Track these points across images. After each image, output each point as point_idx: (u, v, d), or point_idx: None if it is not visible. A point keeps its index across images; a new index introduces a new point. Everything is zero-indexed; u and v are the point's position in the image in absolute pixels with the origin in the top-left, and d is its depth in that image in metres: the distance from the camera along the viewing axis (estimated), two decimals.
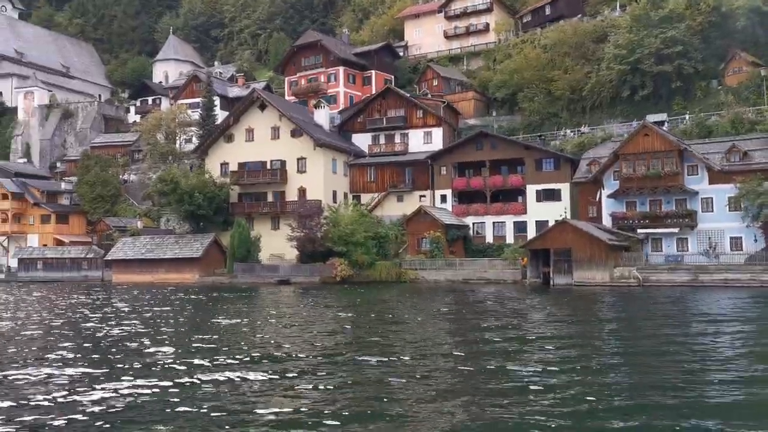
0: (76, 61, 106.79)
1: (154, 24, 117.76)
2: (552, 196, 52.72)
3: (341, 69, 75.86)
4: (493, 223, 54.75)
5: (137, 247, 57.45)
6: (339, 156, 59.65)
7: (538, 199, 53.20)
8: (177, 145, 71.47)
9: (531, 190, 53.49)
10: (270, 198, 58.50)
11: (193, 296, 41.08)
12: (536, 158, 53.62)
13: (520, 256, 47.54)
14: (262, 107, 59.21)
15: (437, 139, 60.75)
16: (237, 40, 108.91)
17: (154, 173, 69.51)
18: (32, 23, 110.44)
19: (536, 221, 52.85)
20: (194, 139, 72.24)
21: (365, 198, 59.30)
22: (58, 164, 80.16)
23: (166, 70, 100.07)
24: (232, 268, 52.53)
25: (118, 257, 57.48)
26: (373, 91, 76.10)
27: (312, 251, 50.66)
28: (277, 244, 55.71)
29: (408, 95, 63.17)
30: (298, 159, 57.74)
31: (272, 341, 19.00)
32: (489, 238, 54.71)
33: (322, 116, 61.87)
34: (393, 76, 79.68)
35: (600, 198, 49.32)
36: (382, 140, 62.53)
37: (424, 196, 58.18)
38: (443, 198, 56.90)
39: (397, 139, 61.91)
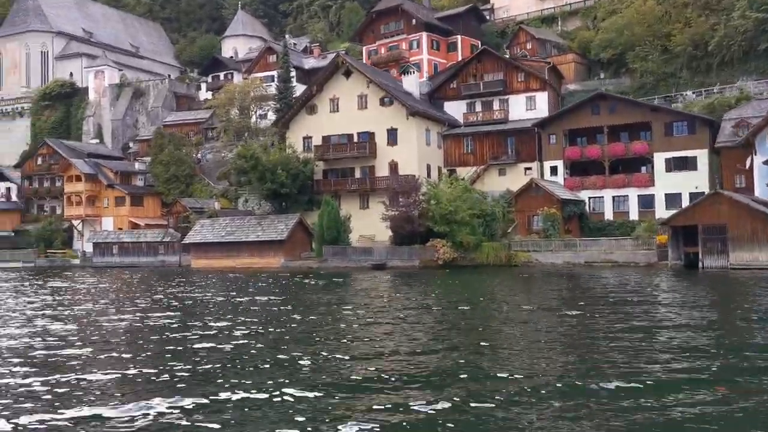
0: (145, 40, 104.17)
1: (221, 0, 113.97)
2: (685, 164, 45.52)
3: (424, 35, 69.81)
4: (613, 197, 47.94)
5: (216, 229, 53.20)
6: (433, 126, 53.74)
7: (668, 169, 46.06)
8: (252, 121, 66.97)
9: (659, 158, 46.37)
10: (358, 174, 53.18)
11: (288, 282, 36.19)
12: (666, 122, 46.38)
13: (654, 234, 40.81)
14: (348, 74, 53.74)
15: (542, 105, 54.06)
16: (307, 13, 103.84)
17: (229, 151, 65.32)
18: (100, 3, 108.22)
19: (665, 194, 45.84)
20: (270, 114, 67.66)
21: (461, 172, 53.30)
22: (131, 144, 77.14)
23: (236, 47, 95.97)
24: (321, 251, 47.55)
25: (197, 241, 53.39)
26: (459, 58, 69.99)
27: (410, 232, 45.08)
28: (366, 224, 50.49)
29: (507, 57, 56.53)
30: (388, 130, 52.10)
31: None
32: (608, 215, 47.98)
33: (412, 83, 55.96)
34: (479, 42, 73.06)
35: (752, 165, 41.85)
36: (478, 107, 56.26)
37: (529, 168, 51.77)
38: (553, 170, 50.33)
39: (496, 105, 55.52)
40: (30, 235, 64.35)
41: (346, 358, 12.96)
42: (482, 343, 14.56)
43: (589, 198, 48.54)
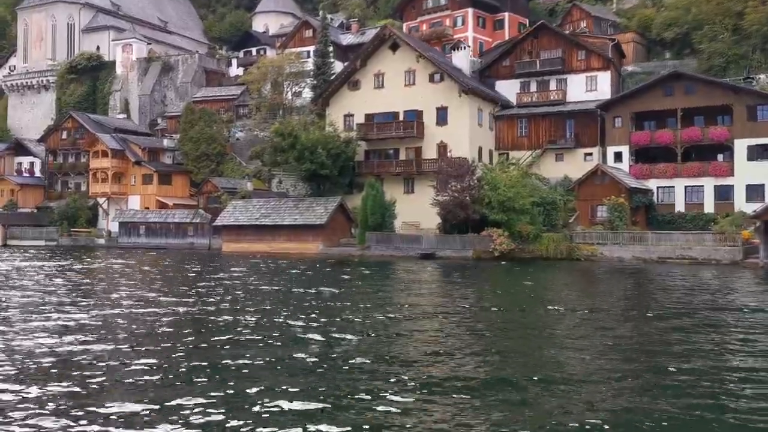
0: (174, 15, 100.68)
1: None
2: None
3: (470, 11, 65.50)
4: (686, 187, 43.77)
5: (250, 211, 49.76)
6: (485, 106, 49.76)
7: (751, 158, 41.80)
8: (288, 98, 63.42)
9: (740, 145, 42.11)
10: (403, 155, 49.40)
11: (334, 271, 32.74)
12: (749, 104, 42.02)
13: (739, 229, 36.69)
14: (394, 47, 49.83)
15: (604, 86, 49.81)
16: None
17: (262, 130, 61.86)
18: None
19: (747, 185, 41.60)
20: (306, 91, 64.00)
21: (514, 156, 49.29)
22: (159, 120, 73.93)
23: (266, 23, 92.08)
24: (363, 238, 43.91)
25: (229, 223, 50.01)
26: (506, 37, 65.79)
27: (464, 219, 41.22)
28: (410, 210, 46.81)
29: (566, 33, 52.27)
30: (437, 109, 48.19)
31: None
32: (679, 206, 43.85)
33: (462, 59, 51.90)
34: (527, 20, 68.75)
35: None
36: (533, 87, 52.15)
37: (590, 154, 47.73)
38: (617, 156, 46.23)
39: (553, 85, 51.37)
40: (53, 212, 61.46)
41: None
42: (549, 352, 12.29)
43: (658, 188, 44.44)
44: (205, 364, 11.37)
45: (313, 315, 17.28)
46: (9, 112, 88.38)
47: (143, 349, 12.52)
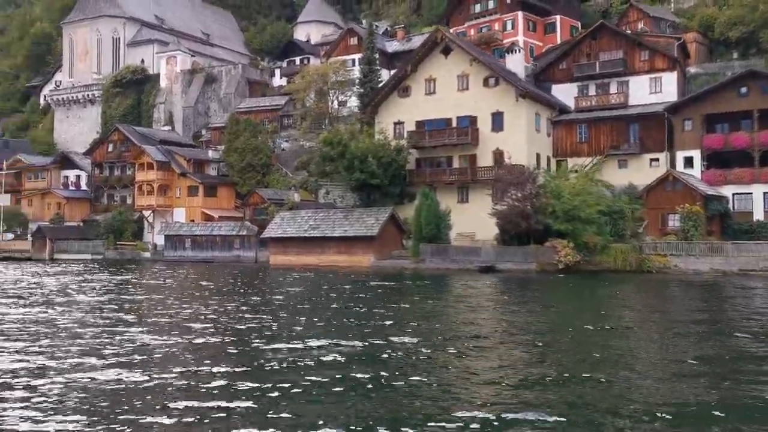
0: (216, 28, 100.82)
1: None
2: None
3: (520, 14, 63.42)
4: (764, 193, 40.73)
5: (298, 223, 48.18)
6: (543, 111, 47.45)
7: None
8: (333, 107, 62.04)
9: None
10: (456, 163, 47.34)
11: (389, 286, 30.87)
12: None
13: None
14: (447, 51, 47.92)
15: (669, 87, 47.07)
16: None
17: (308, 140, 60.54)
18: None
19: None
20: (352, 100, 62.52)
21: (573, 163, 46.85)
22: (203, 132, 73.28)
23: (308, 33, 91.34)
24: (418, 250, 41.88)
25: (276, 235, 48.52)
26: (558, 41, 63.54)
27: (525, 230, 38.88)
28: (464, 220, 44.67)
29: (628, 33, 49.69)
30: (492, 114, 46.05)
31: None
32: (758, 214, 40.82)
33: (516, 63, 49.73)
34: (579, 23, 66.36)
35: None
36: (591, 91, 49.66)
37: (656, 159, 45.02)
38: (687, 161, 43.42)
39: (613, 88, 48.78)
40: (99, 225, 60.93)
41: None
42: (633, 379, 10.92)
43: (733, 194, 41.47)
44: (268, 386, 10.47)
45: (372, 333, 15.40)
46: (55, 126, 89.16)
47: (207, 371, 10.78)
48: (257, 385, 10.55)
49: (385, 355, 13.22)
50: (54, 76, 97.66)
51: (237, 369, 11.80)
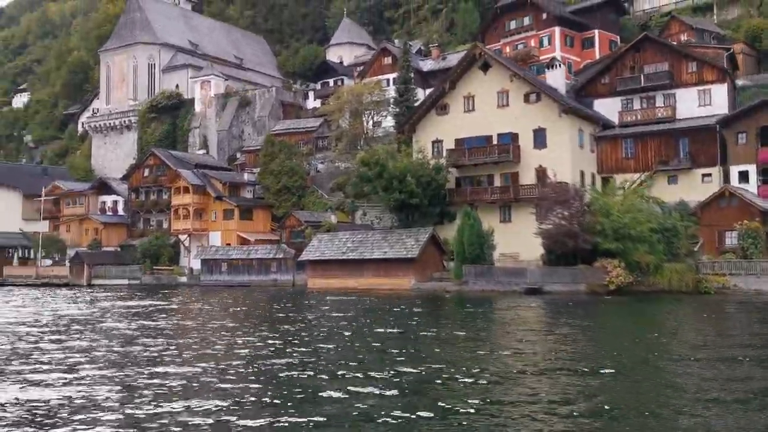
0: (249, 52, 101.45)
1: (324, 10, 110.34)
2: None
3: (557, 30, 62.23)
4: None
5: (336, 245, 47.22)
6: (586, 126, 46.02)
7: None
8: (367, 127, 61.31)
9: None
10: (498, 182, 46.02)
11: (433, 310, 29.62)
12: None
13: None
14: (485, 68, 46.89)
15: (719, 99, 45.28)
16: (415, 18, 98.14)
17: (344, 161, 59.79)
18: (205, 15, 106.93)
19: None
20: (385, 122, 61.74)
21: (619, 180, 45.12)
22: (238, 155, 73.14)
23: (341, 55, 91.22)
24: (460, 271, 40.50)
25: (314, 258, 47.59)
26: (597, 56, 62.18)
27: (573, 249, 37.28)
28: (507, 240, 43.27)
29: (674, 44, 48.13)
30: (534, 131, 44.75)
31: None
32: None
33: (557, 78, 48.45)
34: (618, 37, 64.92)
35: None
36: (636, 105, 48.08)
37: (708, 174, 43.15)
38: (742, 176, 41.52)
39: (659, 101, 47.14)
40: (136, 250, 60.80)
41: None
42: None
43: None
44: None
45: (424, 361, 14.15)
46: (93, 152, 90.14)
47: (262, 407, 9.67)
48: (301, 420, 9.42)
49: (440, 385, 12.07)
50: (91, 103, 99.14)
51: (279, 407, 10.68)
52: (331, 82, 76.82)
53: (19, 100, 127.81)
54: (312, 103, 78.64)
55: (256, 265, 53.22)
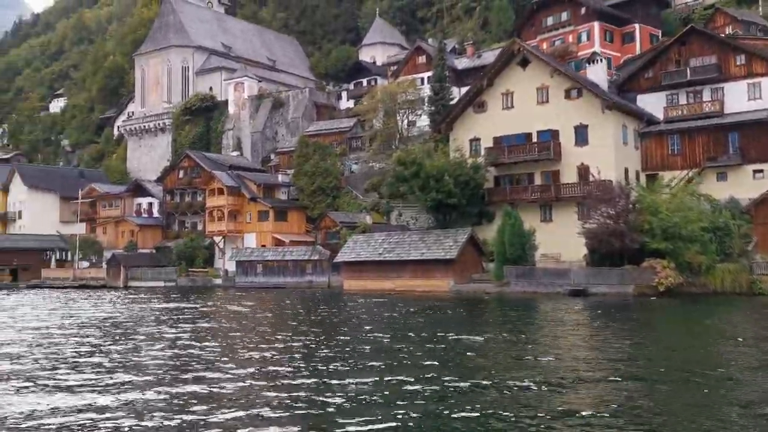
0: (281, 54, 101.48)
1: (356, 10, 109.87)
2: None
3: (596, 25, 60.77)
4: None
5: (372, 246, 46.43)
6: (630, 122, 44.52)
7: None
8: (403, 126, 60.48)
9: None
10: (538, 180, 44.77)
11: (477, 312, 28.61)
12: None
13: None
14: (524, 63, 45.70)
15: None
16: (448, 18, 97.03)
17: (378, 161, 59.04)
18: (237, 18, 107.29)
19: None
20: (420, 121, 60.83)
21: (665, 177, 43.47)
22: (272, 156, 72.94)
23: (373, 55, 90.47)
24: (501, 272, 39.39)
25: (350, 259, 46.88)
26: (637, 51, 60.49)
27: (619, 249, 35.88)
28: (548, 240, 41.92)
29: (722, 36, 46.35)
30: (575, 127, 43.40)
31: None
32: None
33: (599, 73, 46.95)
34: (659, 31, 63.11)
35: None
36: (682, 99, 46.35)
37: (760, 171, 41.33)
38: None
39: (706, 96, 45.38)
40: (171, 252, 60.84)
41: None
42: None
43: None
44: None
45: (472, 369, 13.18)
46: (128, 155, 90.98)
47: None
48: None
49: (492, 392, 11.12)
50: (127, 107, 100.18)
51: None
52: (364, 82, 76.19)
53: (56, 105, 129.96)
54: (345, 103, 78.15)
55: (291, 267, 52.72)
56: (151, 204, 69.36)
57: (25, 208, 79.65)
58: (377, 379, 12.83)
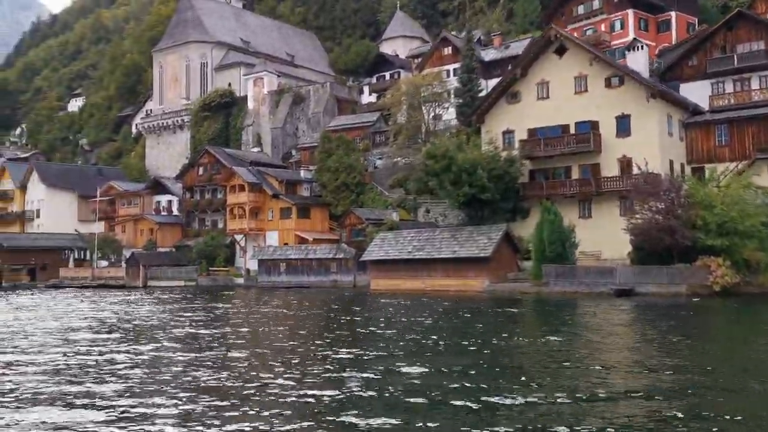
0: (300, 49, 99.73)
1: (376, 4, 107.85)
2: None
3: (630, 12, 58.31)
4: None
5: (400, 244, 44.34)
6: (674, 112, 42.08)
7: None
8: (429, 119, 58.36)
9: None
10: (576, 174, 42.47)
11: (516, 313, 26.54)
12: None
13: None
14: (561, 51, 43.39)
15: None
16: (471, 10, 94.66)
17: (403, 156, 56.96)
18: (256, 13, 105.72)
19: None
20: (449, 112, 58.64)
21: (712, 170, 40.90)
22: (293, 152, 71.13)
23: (394, 49, 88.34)
24: (539, 271, 37.13)
25: (377, 257, 44.82)
26: (673, 40, 57.96)
27: (669, 247, 33.51)
28: (588, 237, 39.55)
29: None
30: (617, 118, 41.06)
31: None
32: None
33: (640, 61, 44.43)
34: (696, 19, 60.49)
35: None
36: (728, 88, 43.88)
37: None
38: None
39: (755, 83, 42.90)
40: (191, 251, 59.17)
41: None
42: None
43: None
44: None
45: (522, 382, 11.07)
46: (147, 153, 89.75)
47: None
48: None
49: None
50: (145, 105, 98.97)
51: None
52: (387, 75, 74.10)
53: (75, 105, 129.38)
54: (367, 98, 76.19)
55: (315, 266, 50.82)
56: (170, 202, 67.81)
57: (43, 207, 78.55)
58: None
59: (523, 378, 12.68)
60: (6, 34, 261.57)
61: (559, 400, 10.44)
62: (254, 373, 13.51)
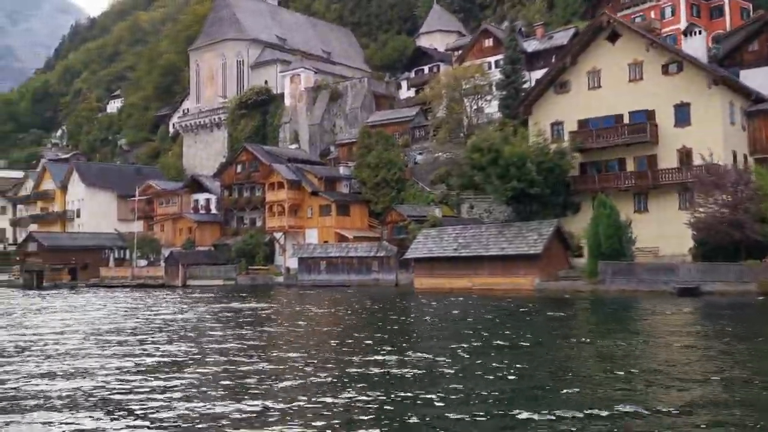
0: (336, 46, 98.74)
1: (412, 0, 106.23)
2: None
3: None
4: None
5: (445, 241, 42.74)
6: (737, 100, 39.71)
7: None
8: (471, 113, 56.60)
9: None
10: (630, 166, 40.37)
11: (582, 314, 24.82)
12: None
13: None
14: (613, 38, 41.31)
15: None
16: (509, 2, 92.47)
17: (445, 151, 55.26)
18: (291, 10, 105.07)
19: None
20: (492, 104, 56.77)
21: None
22: (331, 149, 70.04)
23: (432, 43, 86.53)
24: (595, 268, 35.19)
25: (420, 255, 43.29)
26: (727, 26, 55.40)
27: (736, 242, 31.39)
28: (644, 233, 37.57)
29: None
30: (675, 106, 38.87)
31: None
32: None
33: (698, 46, 42.16)
34: (751, 4, 57.73)
35: None
36: None
37: None
38: None
39: None
40: (230, 249, 58.43)
41: None
42: None
43: None
44: None
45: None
46: (184, 152, 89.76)
47: None
48: None
49: None
50: (182, 104, 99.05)
51: None
52: (425, 69, 72.50)
53: (113, 106, 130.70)
54: (405, 93, 74.75)
55: (356, 264, 49.53)
56: (208, 200, 67.25)
57: (83, 207, 78.98)
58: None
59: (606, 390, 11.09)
60: (46, 37, 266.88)
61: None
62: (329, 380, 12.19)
